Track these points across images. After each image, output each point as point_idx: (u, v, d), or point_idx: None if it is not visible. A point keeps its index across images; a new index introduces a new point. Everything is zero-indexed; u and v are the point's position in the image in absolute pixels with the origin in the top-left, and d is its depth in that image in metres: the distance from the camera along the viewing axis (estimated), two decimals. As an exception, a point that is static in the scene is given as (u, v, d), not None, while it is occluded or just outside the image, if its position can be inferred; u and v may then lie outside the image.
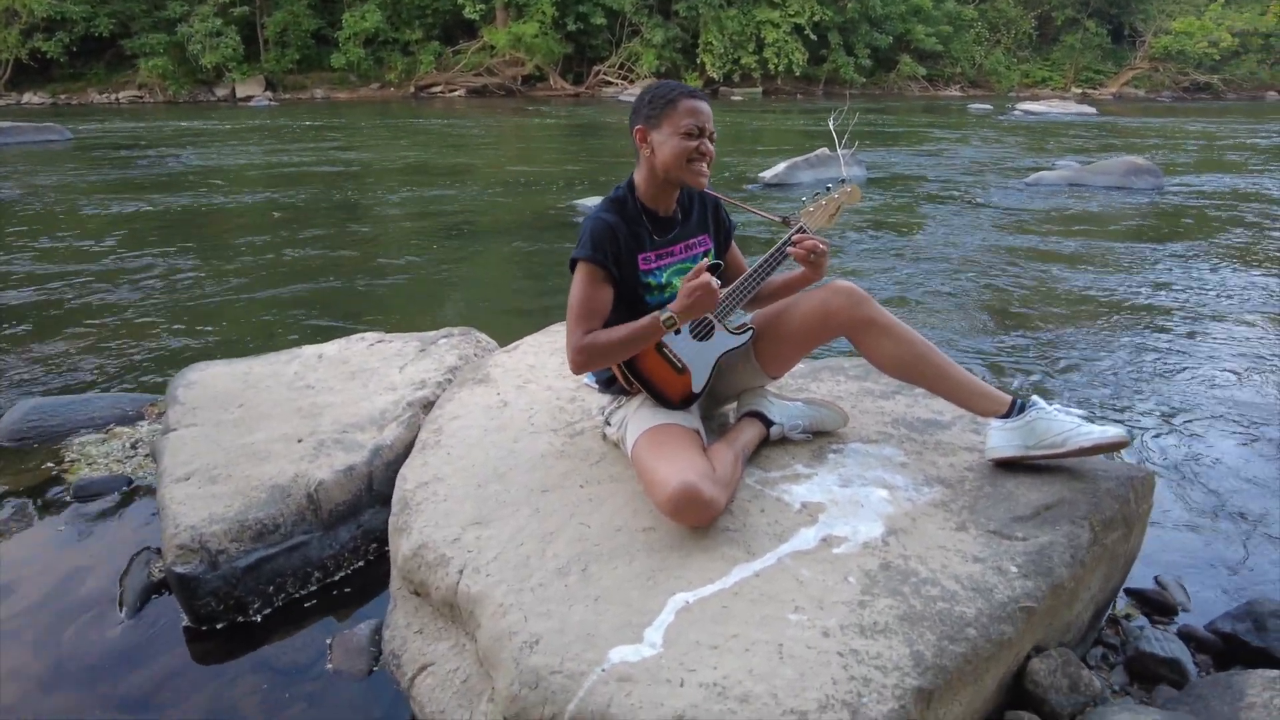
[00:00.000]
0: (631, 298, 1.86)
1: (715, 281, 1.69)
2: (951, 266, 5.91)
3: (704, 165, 1.80)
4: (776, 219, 1.97)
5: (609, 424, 1.97)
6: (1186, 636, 2.02)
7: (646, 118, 1.79)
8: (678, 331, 1.82)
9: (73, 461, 2.80)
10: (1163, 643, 1.92)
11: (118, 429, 3.10)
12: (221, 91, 27.15)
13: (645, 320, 1.73)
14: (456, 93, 28.57)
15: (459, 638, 1.66)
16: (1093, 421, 1.75)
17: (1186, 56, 33.59)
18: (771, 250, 1.82)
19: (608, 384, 1.98)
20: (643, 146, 1.82)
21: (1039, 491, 1.73)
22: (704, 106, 1.78)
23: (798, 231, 1.83)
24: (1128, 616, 2.13)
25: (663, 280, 1.89)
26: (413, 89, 28.58)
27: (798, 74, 30.39)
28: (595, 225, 1.79)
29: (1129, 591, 2.20)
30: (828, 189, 1.88)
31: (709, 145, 1.79)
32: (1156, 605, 2.17)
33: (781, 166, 9.47)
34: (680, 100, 1.77)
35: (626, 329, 1.75)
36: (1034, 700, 1.54)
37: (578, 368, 1.77)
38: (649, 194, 1.87)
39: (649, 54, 28.87)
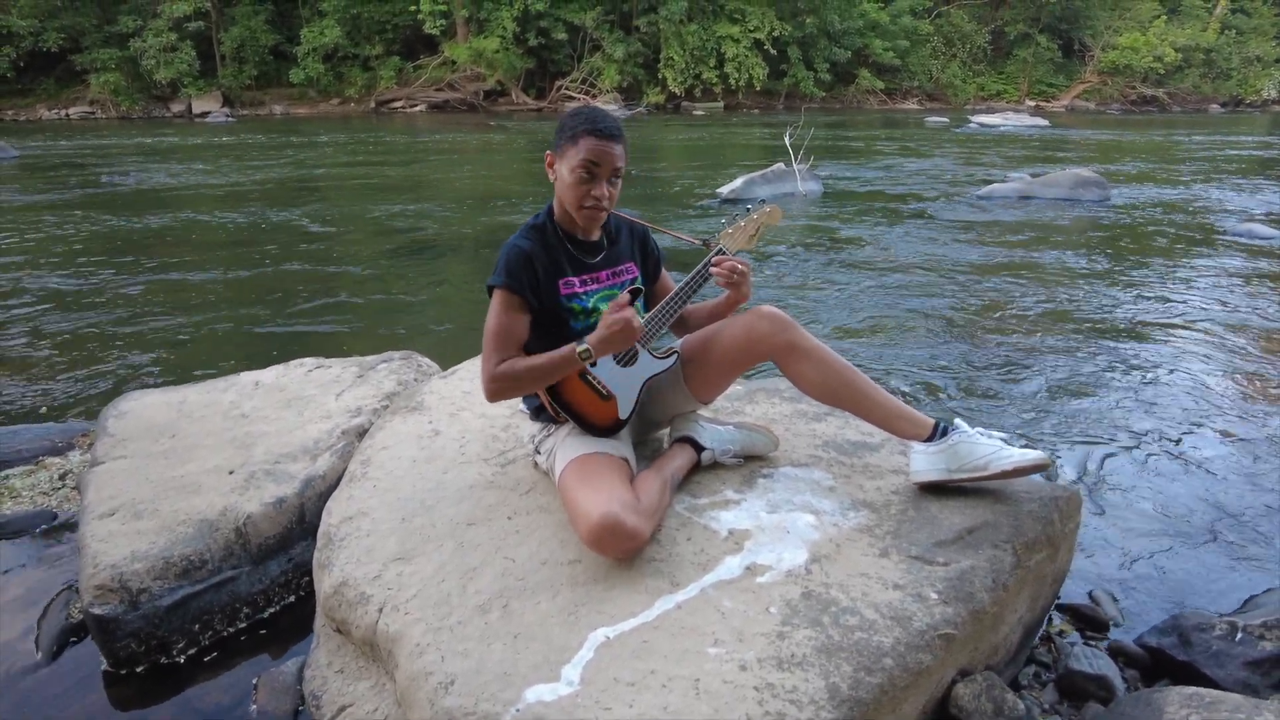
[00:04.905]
0: (555, 323, 1.84)
1: (636, 318, 1.69)
2: (898, 281, 5.98)
3: (597, 211, 1.77)
4: (697, 242, 1.98)
5: (539, 452, 1.95)
6: (1116, 652, 2.05)
7: (556, 144, 1.77)
8: (594, 364, 1.80)
9: (-6, 496, 2.70)
10: (1091, 659, 1.95)
11: (47, 460, 3.01)
12: (177, 107, 26.72)
13: (561, 351, 1.73)
14: (417, 108, 28.41)
15: (379, 677, 1.62)
16: (1014, 444, 1.76)
17: (1133, 70, 34.57)
18: (692, 273, 1.83)
19: (537, 412, 1.96)
20: (550, 171, 1.82)
21: (962, 515, 1.74)
22: (607, 148, 1.72)
23: (717, 253, 1.84)
24: (1061, 633, 2.15)
25: (589, 305, 1.87)
26: (373, 104, 28.37)
27: (758, 88, 30.73)
28: (511, 252, 1.77)
29: (1063, 608, 2.23)
30: (748, 210, 1.89)
31: (605, 188, 1.75)
32: (1089, 621, 2.20)
33: (739, 181, 9.54)
34: (582, 138, 1.71)
35: (541, 359, 1.74)
36: (959, 725, 1.55)
37: (491, 395, 1.76)
38: (565, 218, 1.86)
39: (610, 69, 28.99)
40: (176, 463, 2.43)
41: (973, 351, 4.46)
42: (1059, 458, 3.18)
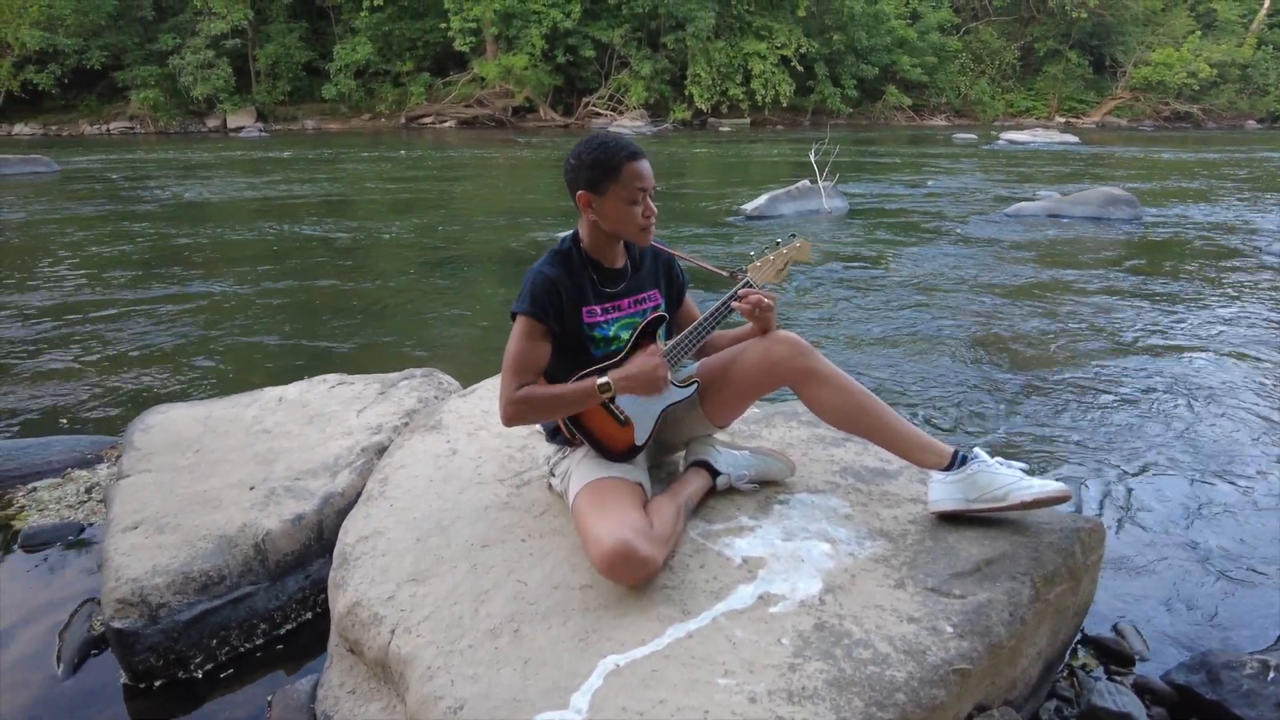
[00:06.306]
0: (576, 349, 1.85)
1: (664, 367, 1.72)
2: (921, 302, 5.93)
3: (650, 225, 1.82)
4: (724, 273, 1.97)
5: (554, 475, 1.95)
6: (1141, 689, 1.99)
7: (589, 184, 1.77)
8: (613, 400, 1.81)
9: (22, 508, 2.76)
10: (1115, 696, 1.90)
11: (75, 473, 3.06)
12: (212, 122, 27.36)
13: (582, 385, 1.74)
14: (447, 124, 28.79)
15: (390, 699, 1.62)
16: (1034, 475, 1.73)
17: (1166, 87, 34.08)
18: (717, 305, 1.83)
19: (553, 434, 1.96)
20: (587, 211, 1.81)
21: (980, 546, 1.71)
22: (645, 167, 1.77)
23: (744, 286, 1.84)
24: (1085, 667, 2.10)
25: (610, 334, 1.87)
26: (403, 120, 28.81)
27: (785, 105, 30.74)
28: (536, 279, 1.78)
29: (1087, 640, 2.18)
30: (777, 243, 1.89)
31: (651, 205, 1.80)
32: (1114, 655, 2.15)
33: (763, 199, 9.53)
34: (624, 166, 1.74)
35: (561, 390, 1.75)
36: (975, 762, 1.52)
37: (508, 420, 1.77)
38: (594, 246, 1.87)
39: (637, 85, 29.17)
40: (200, 477, 2.47)
41: (996, 375, 4.41)
42: (1084, 486, 3.12)
